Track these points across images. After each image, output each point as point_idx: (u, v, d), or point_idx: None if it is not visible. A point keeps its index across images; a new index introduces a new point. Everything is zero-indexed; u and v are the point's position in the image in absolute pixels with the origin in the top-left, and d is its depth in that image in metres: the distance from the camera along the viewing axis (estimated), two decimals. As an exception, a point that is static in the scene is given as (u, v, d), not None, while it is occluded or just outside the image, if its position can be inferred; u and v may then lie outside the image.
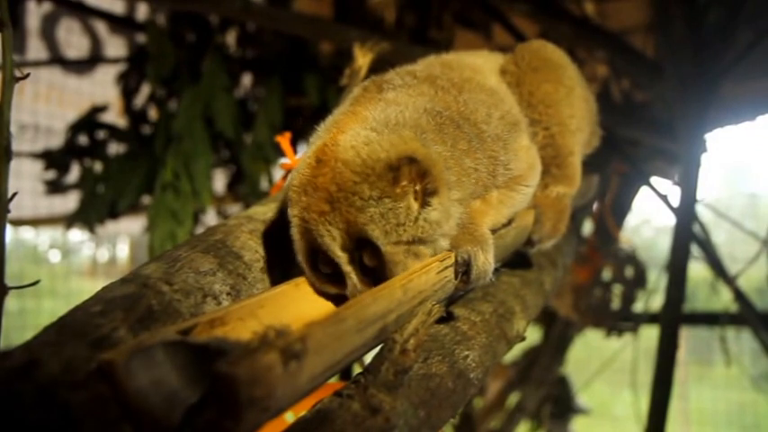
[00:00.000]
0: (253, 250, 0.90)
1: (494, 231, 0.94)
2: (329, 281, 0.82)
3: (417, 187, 0.79)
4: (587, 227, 2.88)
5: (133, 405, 0.54)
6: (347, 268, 0.79)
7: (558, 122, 1.17)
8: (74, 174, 2.76)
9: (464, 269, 0.83)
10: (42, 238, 5.24)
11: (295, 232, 0.81)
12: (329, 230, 0.78)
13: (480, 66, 1.16)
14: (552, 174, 1.19)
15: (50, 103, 3.65)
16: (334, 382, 0.91)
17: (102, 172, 2.60)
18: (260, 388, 0.50)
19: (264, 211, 1.01)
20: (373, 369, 0.69)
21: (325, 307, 0.82)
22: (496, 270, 0.87)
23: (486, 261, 0.84)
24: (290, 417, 0.92)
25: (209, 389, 0.51)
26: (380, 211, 0.77)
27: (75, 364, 0.58)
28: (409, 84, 0.94)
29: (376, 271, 0.80)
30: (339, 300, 0.83)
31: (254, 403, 0.50)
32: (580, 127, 1.23)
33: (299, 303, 0.79)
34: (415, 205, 0.79)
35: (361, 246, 0.79)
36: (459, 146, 0.87)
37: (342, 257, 0.79)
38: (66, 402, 0.55)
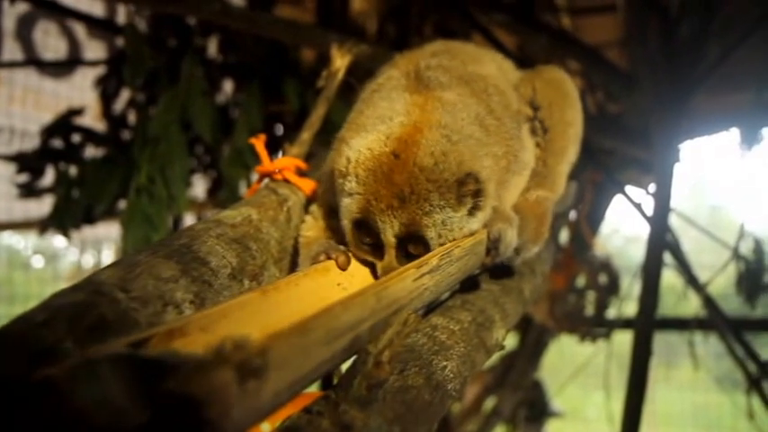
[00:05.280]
0: (220, 256, 0.85)
1: None
2: (368, 250, 0.94)
3: (471, 202, 0.93)
4: (563, 235, 2.93)
5: (76, 426, 0.48)
6: (390, 248, 0.92)
7: (559, 121, 1.27)
8: (49, 177, 2.71)
9: (495, 245, 0.97)
10: (26, 243, 5.10)
11: (352, 203, 0.92)
12: (392, 221, 0.90)
13: (488, 63, 1.24)
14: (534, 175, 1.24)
15: (26, 106, 3.58)
16: (313, 392, 0.90)
17: (78, 176, 2.55)
18: (214, 408, 0.44)
19: (235, 216, 0.96)
20: (345, 383, 0.65)
21: (295, 316, 0.78)
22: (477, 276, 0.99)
23: (512, 236, 1.00)
24: (266, 427, 0.90)
25: (159, 408, 0.46)
26: (442, 218, 0.90)
27: (11, 380, 0.52)
28: (450, 84, 1.05)
29: (412, 257, 0.90)
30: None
31: (207, 425, 0.44)
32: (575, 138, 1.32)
33: (267, 312, 0.74)
34: (465, 216, 0.93)
35: (410, 237, 0.91)
36: (499, 143, 1.03)
37: (391, 242, 0.91)
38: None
